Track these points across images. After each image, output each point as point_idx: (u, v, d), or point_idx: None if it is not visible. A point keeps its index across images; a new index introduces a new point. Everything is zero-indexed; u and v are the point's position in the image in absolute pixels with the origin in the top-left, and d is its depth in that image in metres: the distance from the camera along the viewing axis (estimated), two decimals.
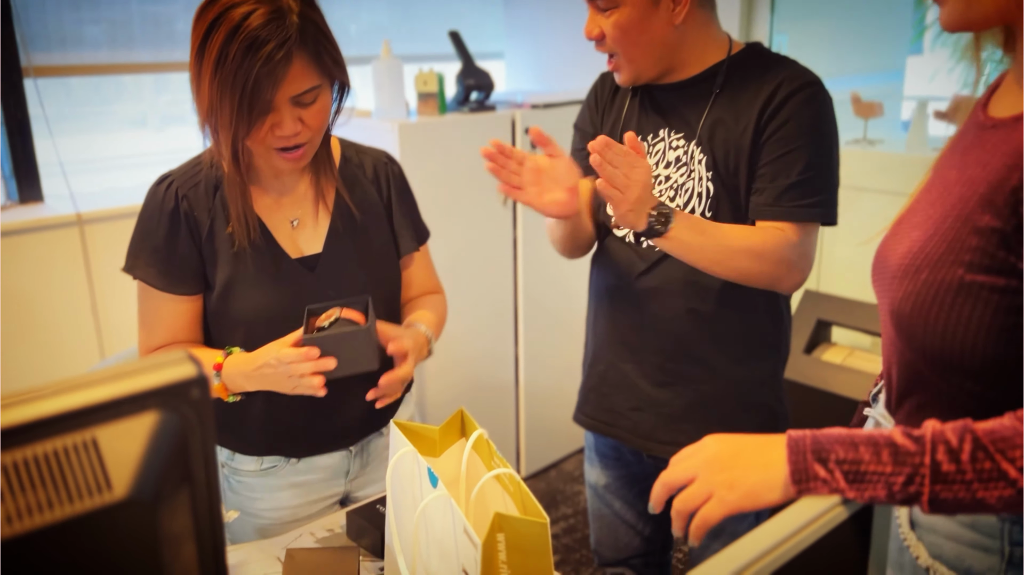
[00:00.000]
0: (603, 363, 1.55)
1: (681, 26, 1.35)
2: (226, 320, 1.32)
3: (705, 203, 1.39)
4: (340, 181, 1.38)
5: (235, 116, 1.16)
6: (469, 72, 2.68)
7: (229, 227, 1.29)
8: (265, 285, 1.30)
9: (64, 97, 2.49)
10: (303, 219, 1.36)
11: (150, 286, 1.29)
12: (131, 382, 0.56)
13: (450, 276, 2.68)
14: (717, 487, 0.83)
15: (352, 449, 1.44)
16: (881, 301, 0.98)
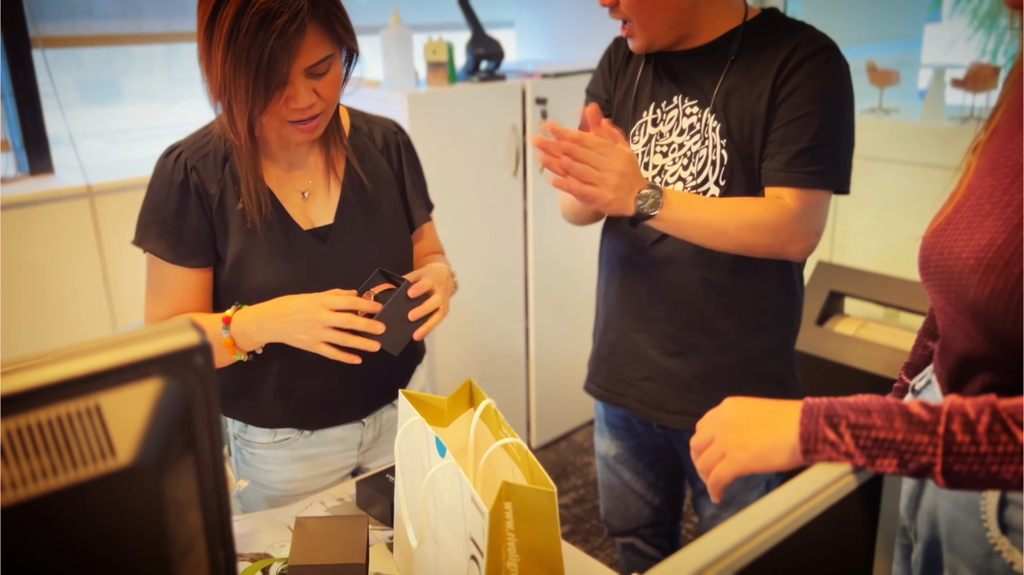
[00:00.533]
0: (614, 332, 1.55)
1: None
2: (237, 293, 1.31)
3: (719, 171, 1.38)
4: (350, 150, 1.37)
5: (250, 92, 1.14)
6: (479, 41, 2.65)
7: (240, 202, 1.28)
8: (277, 258, 1.29)
9: (74, 69, 2.48)
10: (314, 190, 1.35)
11: (160, 259, 1.29)
12: (134, 349, 0.56)
13: (460, 247, 2.68)
14: (729, 447, 0.83)
15: (365, 421, 1.45)
16: (944, 296, 0.93)
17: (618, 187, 1.26)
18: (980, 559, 0.93)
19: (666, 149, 1.43)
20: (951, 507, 0.96)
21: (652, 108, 1.45)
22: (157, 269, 1.31)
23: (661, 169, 1.44)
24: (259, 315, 1.24)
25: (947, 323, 0.97)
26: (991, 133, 0.94)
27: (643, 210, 1.29)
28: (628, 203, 1.28)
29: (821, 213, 1.37)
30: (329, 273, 1.32)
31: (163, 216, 1.28)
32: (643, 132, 1.46)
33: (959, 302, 0.90)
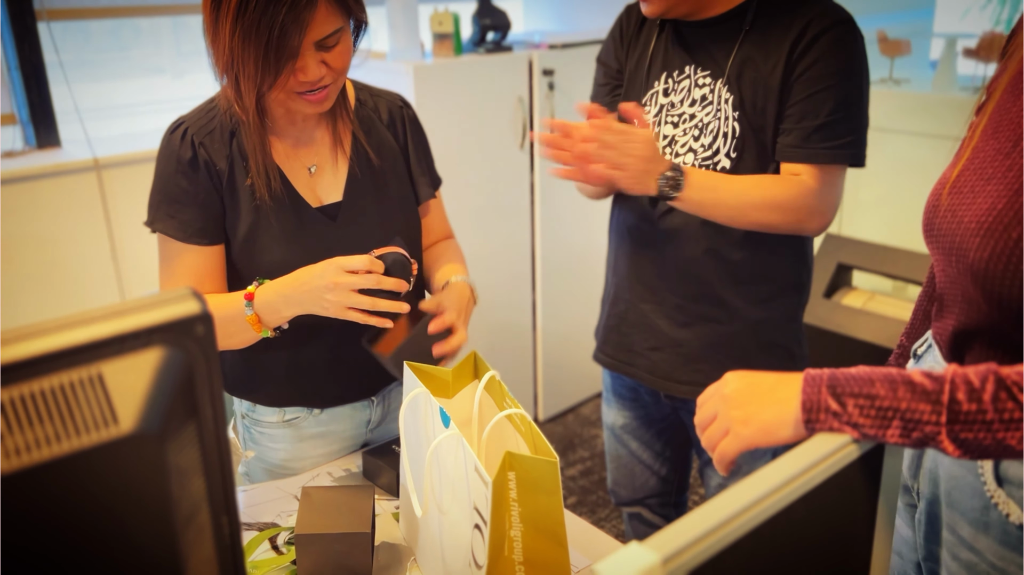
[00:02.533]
0: (623, 303, 1.55)
1: None
2: (247, 272, 1.30)
3: (731, 143, 1.37)
4: (356, 125, 1.36)
5: (260, 66, 1.12)
6: (485, 11, 2.63)
7: (249, 178, 1.26)
8: (287, 237, 1.28)
9: (82, 43, 2.47)
10: (321, 166, 1.33)
11: (172, 238, 1.27)
12: (136, 318, 0.56)
13: (467, 219, 2.67)
14: (733, 423, 0.83)
15: (374, 399, 1.44)
16: (946, 258, 0.94)
17: (642, 171, 1.28)
18: (978, 513, 0.94)
19: (677, 119, 1.42)
20: (950, 463, 0.97)
21: (664, 78, 1.44)
22: (170, 250, 1.28)
23: (671, 140, 1.43)
24: (282, 287, 1.22)
25: (947, 284, 0.98)
26: (993, 96, 0.94)
27: (665, 191, 1.30)
28: (650, 184, 1.30)
29: (838, 188, 1.37)
30: (339, 251, 1.31)
31: (173, 194, 1.26)
32: (654, 102, 1.45)
33: (960, 264, 0.91)
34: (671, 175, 1.30)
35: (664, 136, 1.44)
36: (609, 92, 1.60)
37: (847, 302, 2.39)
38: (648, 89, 1.47)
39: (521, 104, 2.69)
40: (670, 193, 1.31)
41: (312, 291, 1.19)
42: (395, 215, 1.38)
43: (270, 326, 1.25)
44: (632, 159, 1.27)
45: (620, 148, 1.27)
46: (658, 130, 1.44)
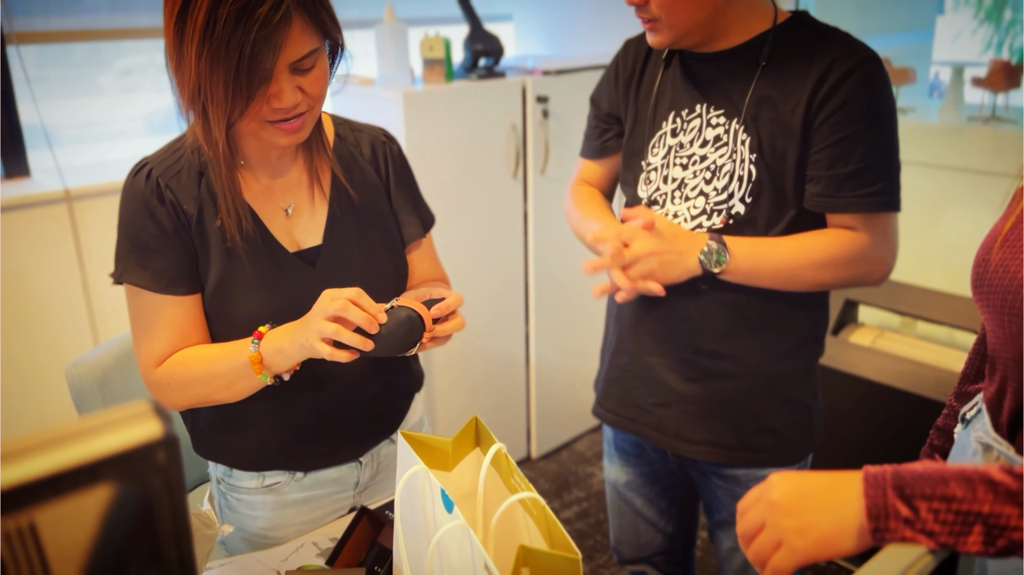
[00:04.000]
0: (626, 355, 1.44)
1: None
2: (221, 323, 1.19)
3: (746, 188, 1.27)
4: (335, 161, 1.25)
5: (230, 91, 1.01)
6: (477, 36, 2.53)
7: (218, 219, 1.15)
8: (262, 284, 1.17)
9: (53, 60, 2.35)
10: (298, 206, 1.22)
11: (145, 290, 1.15)
12: (80, 449, 0.45)
13: (459, 251, 2.57)
14: (787, 534, 0.72)
15: (362, 459, 1.33)
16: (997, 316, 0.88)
17: (674, 263, 1.23)
18: None
19: (686, 161, 1.32)
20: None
21: (672, 117, 1.34)
22: (145, 303, 1.16)
23: (680, 183, 1.33)
24: (293, 326, 1.11)
25: (998, 345, 0.91)
26: None
27: (708, 267, 1.23)
28: (691, 265, 1.24)
29: (892, 233, 1.29)
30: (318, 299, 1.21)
31: (142, 242, 1.14)
32: (663, 144, 1.35)
33: (1013, 323, 0.85)
34: (712, 247, 1.23)
35: (673, 179, 1.34)
36: (599, 135, 1.51)
37: (855, 339, 2.30)
38: (656, 130, 1.37)
39: (514, 131, 2.59)
40: (714, 268, 1.23)
41: (307, 326, 1.08)
42: (380, 258, 1.27)
43: (271, 370, 1.13)
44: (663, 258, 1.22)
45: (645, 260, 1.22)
46: (667, 172, 1.35)
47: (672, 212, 1.33)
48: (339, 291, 1.09)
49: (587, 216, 1.46)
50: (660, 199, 1.35)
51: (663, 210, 1.34)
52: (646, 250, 1.22)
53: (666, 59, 1.37)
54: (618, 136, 1.49)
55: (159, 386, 1.19)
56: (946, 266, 2.53)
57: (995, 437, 0.93)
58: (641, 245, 1.23)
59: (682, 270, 1.24)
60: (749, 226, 1.28)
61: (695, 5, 1.21)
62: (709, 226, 1.29)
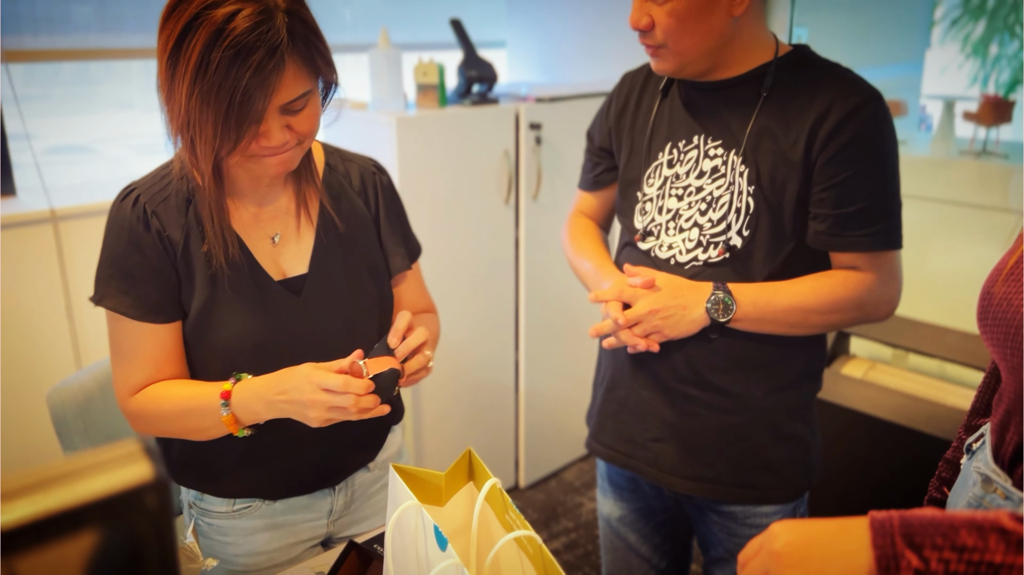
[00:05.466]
0: (622, 388, 1.42)
1: (739, 18, 1.21)
2: (202, 350, 1.17)
3: (743, 220, 1.26)
4: (324, 192, 1.23)
5: (219, 130, 1.00)
6: (471, 63, 2.53)
7: (205, 245, 1.13)
8: (246, 311, 1.16)
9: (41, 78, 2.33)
10: (285, 235, 1.21)
11: (124, 316, 1.14)
12: (64, 493, 0.42)
13: (449, 276, 2.55)
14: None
15: (336, 487, 1.30)
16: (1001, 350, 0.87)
17: (682, 307, 1.25)
18: None
19: (682, 192, 1.32)
20: None
21: (668, 148, 1.34)
22: (123, 329, 1.15)
23: (675, 213, 1.32)
24: (264, 390, 1.09)
25: (1003, 377, 0.91)
26: None
27: (716, 317, 1.24)
28: (698, 317, 1.25)
29: (897, 270, 1.29)
30: (303, 329, 1.19)
31: (125, 268, 1.13)
32: (658, 174, 1.35)
33: (1014, 356, 0.84)
34: (719, 297, 1.23)
35: (668, 210, 1.33)
36: (592, 168, 1.52)
37: (846, 371, 2.29)
38: (651, 161, 1.36)
39: (507, 158, 2.58)
40: (722, 317, 1.23)
41: (293, 403, 1.07)
42: (365, 288, 1.25)
43: (246, 424, 1.12)
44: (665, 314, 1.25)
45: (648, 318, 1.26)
46: (662, 203, 1.34)
47: (667, 243, 1.32)
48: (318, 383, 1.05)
49: (580, 252, 1.47)
50: (655, 230, 1.34)
51: (658, 241, 1.33)
52: (648, 309, 1.24)
53: (663, 89, 1.37)
54: (610, 170, 1.48)
55: (132, 416, 1.18)
56: (937, 298, 2.53)
57: (994, 469, 0.92)
58: (643, 305, 1.24)
59: (689, 323, 1.24)
60: (746, 259, 1.27)
61: (701, 33, 1.20)
62: (705, 259, 1.28)
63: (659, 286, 1.26)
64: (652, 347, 1.26)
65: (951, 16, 4.30)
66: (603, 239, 1.52)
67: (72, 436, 1.45)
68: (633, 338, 1.25)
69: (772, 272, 1.26)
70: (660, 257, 1.33)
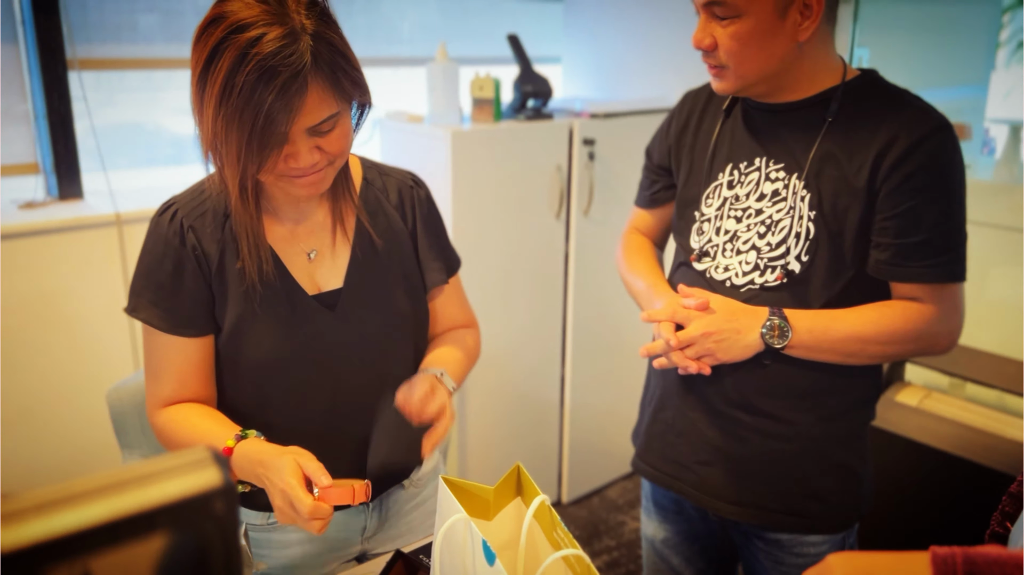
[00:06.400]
0: (670, 409, 1.41)
1: (803, 42, 1.20)
2: (236, 365, 1.19)
3: (803, 246, 1.24)
4: (361, 207, 1.24)
5: (243, 153, 1.01)
6: (527, 78, 2.55)
7: (240, 261, 1.15)
8: (278, 327, 1.17)
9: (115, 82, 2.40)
10: (321, 250, 1.21)
11: (155, 328, 1.16)
12: (137, 495, 0.44)
13: (498, 289, 2.56)
14: None
15: (369, 504, 1.30)
16: None
17: (736, 331, 1.24)
18: None
19: (741, 214, 1.30)
20: None
21: (729, 169, 1.33)
22: (153, 341, 1.18)
23: (733, 235, 1.31)
24: (256, 457, 1.09)
25: None
26: None
27: (771, 343, 1.23)
28: (753, 341, 1.24)
29: (960, 303, 1.26)
30: (336, 343, 1.19)
31: (157, 280, 1.15)
32: (717, 195, 1.34)
33: None
34: (774, 323, 1.21)
35: (725, 231, 1.32)
36: (649, 186, 1.51)
37: (901, 399, 2.24)
38: (711, 181, 1.35)
39: (559, 173, 2.59)
40: (777, 343, 1.22)
41: (266, 488, 1.07)
42: (399, 303, 1.25)
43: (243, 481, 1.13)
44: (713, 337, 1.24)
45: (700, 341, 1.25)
46: (719, 224, 1.33)
47: (723, 265, 1.31)
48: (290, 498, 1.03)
49: (633, 270, 1.46)
50: (711, 251, 1.33)
51: (715, 262, 1.32)
52: (701, 331, 1.23)
53: (726, 109, 1.36)
54: (667, 188, 1.48)
55: (156, 430, 1.21)
56: (997, 327, 2.47)
57: None
58: (697, 327, 1.23)
59: (742, 348, 1.23)
60: (804, 285, 1.25)
61: (764, 56, 1.19)
62: (762, 283, 1.27)
63: (713, 308, 1.25)
64: (703, 370, 1.24)
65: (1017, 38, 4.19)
66: (658, 257, 1.52)
67: (129, 434, 1.49)
68: (684, 360, 1.24)
69: (829, 299, 1.24)
70: (715, 278, 1.32)
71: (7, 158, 2.20)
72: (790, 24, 1.17)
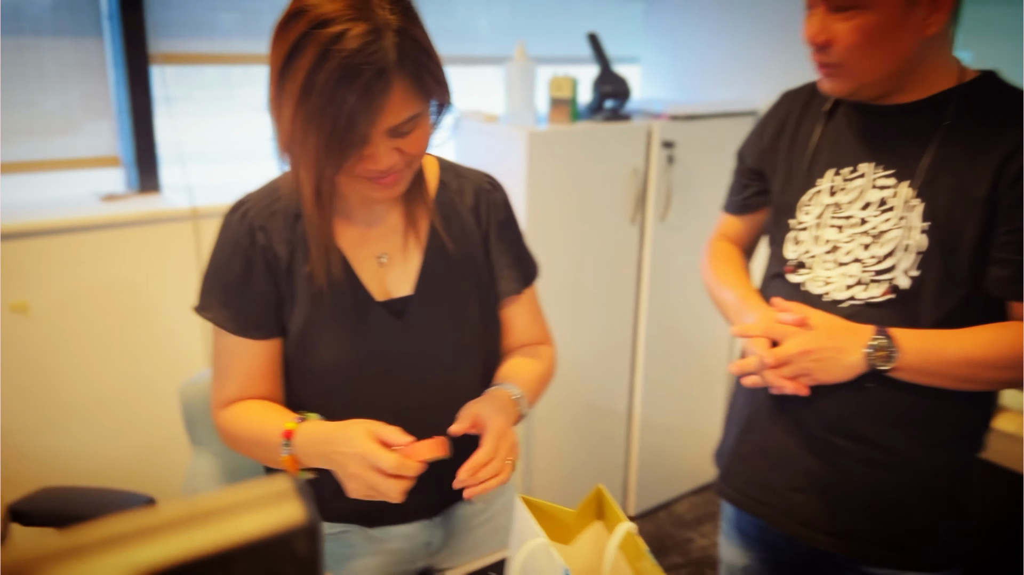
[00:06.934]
0: (760, 431, 1.32)
1: (929, 39, 1.11)
2: (302, 370, 1.15)
3: (914, 259, 1.15)
4: (435, 211, 1.19)
5: (322, 154, 0.97)
6: (606, 78, 2.48)
7: (308, 265, 1.11)
8: (345, 333, 1.12)
9: (187, 80, 2.42)
10: (392, 255, 1.17)
11: (223, 329, 1.13)
12: (212, 531, 0.39)
13: (568, 293, 2.50)
14: None
15: (435, 518, 1.25)
16: None
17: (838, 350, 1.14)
18: None
19: (843, 223, 1.21)
20: None
21: (831, 175, 1.24)
22: (222, 342, 1.15)
23: (834, 246, 1.22)
24: (319, 437, 1.05)
25: None
26: None
27: (876, 365, 1.13)
28: (854, 362, 1.14)
29: None
30: (403, 352, 1.14)
31: (226, 281, 1.12)
32: (817, 202, 1.25)
33: None
34: (880, 343, 1.12)
35: (826, 241, 1.23)
36: (740, 191, 1.42)
37: (999, 426, 2.09)
38: (809, 187, 1.26)
39: (636, 176, 2.52)
40: (882, 365, 1.12)
41: (339, 467, 1.02)
42: (470, 314, 1.20)
43: (306, 466, 1.08)
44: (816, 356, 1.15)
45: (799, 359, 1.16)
46: (818, 233, 1.24)
47: (822, 278, 1.23)
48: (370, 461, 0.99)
49: (722, 280, 1.38)
50: (809, 262, 1.25)
51: (812, 274, 1.24)
52: (799, 349, 1.14)
53: (829, 111, 1.27)
54: (759, 193, 1.39)
55: (219, 430, 1.18)
56: None
57: None
58: (794, 344, 1.15)
59: (844, 368, 1.14)
60: (913, 302, 1.16)
61: (886, 54, 1.10)
62: (866, 298, 1.18)
63: (813, 324, 1.16)
64: (800, 391, 1.16)
65: None
66: (747, 267, 1.43)
67: (200, 431, 1.47)
68: (780, 379, 1.16)
69: (940, 318, 1.15)
70: (813, 292, 1.23)
71: (90, 151, 2.24)
72: (917, 17, 1.07)
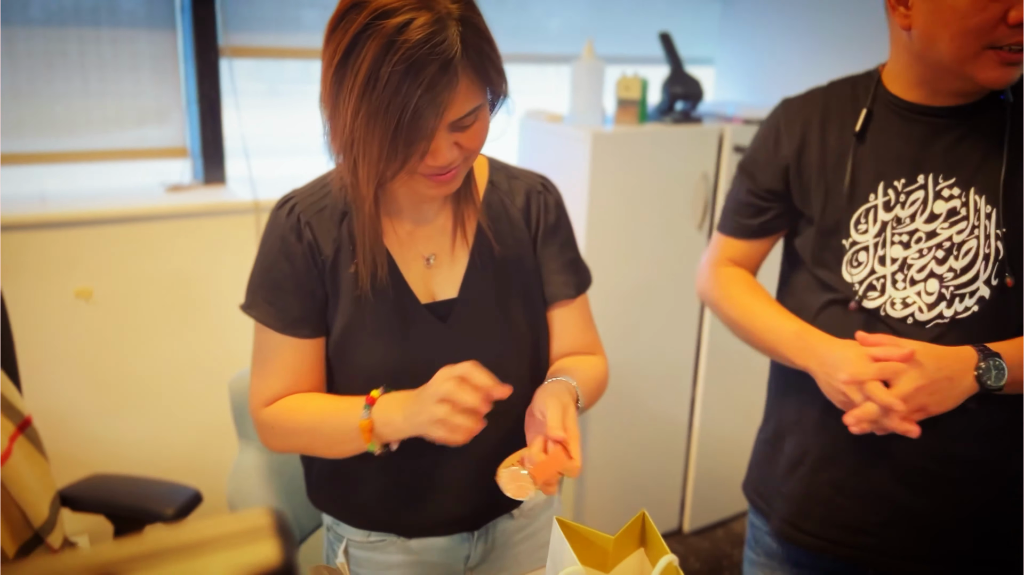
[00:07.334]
0: (837, 469, 1.23)
1: None
2: (345, 370, 1.13)
3: (992, 268, 1.09)
4: (483, 211, 1.15)
5: (386, 151, 0.93)
6: (677, 79, 2.40)
7: (353, 266, 1.08)
8: (388, 335, 1.09)
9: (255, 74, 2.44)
10: (439, 256, 1.13)
11: (267, 327, 1.11)
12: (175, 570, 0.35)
13: (630, 300, 2.43)
14: None
15: (475, 532, 1.21)
16: None
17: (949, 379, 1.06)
18: None
19: (908, 239, 1.14)
20: None
21: (882, 189, 1.16)
22: (265, 339, 1.13)
23: (903, 263, 1.14)
24: (404, 398, 1.03)
25: None
26: None
27: (989, 386, 1.06)
28: (966, 388, 1.07)
29: None
30: (447, 357, 1.09)
31: (274, 278, 1.10)
32: (872, 219, 1.16)
33: None
34: (991, 364, 1.05)
35: (892, 259, 1.15)
36: (756, 213, 1.30)
37: None
38: (860, 203, 1.18)
39: (705, 181, 2.43)
40: (996, 383, 1.05)
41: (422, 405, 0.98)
42: (516, 318, 1.15)
43: (381, 439, 1.04)
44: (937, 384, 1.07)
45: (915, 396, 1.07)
46: (882, 252, 1.15)
47: (899, 299, 1.14)
48: (452, 369, 0.97)
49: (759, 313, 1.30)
50: (878, 284, 1.16)
51: (884, 296, 1.15)
52: (915, 386, 1.05)
53: (866, 119, 1.18)
54: (781, 215, 1.29)
55: (263, 426, 1.14)
56: None
57: None
58: (909, 382, 1.05)
59: (956, 397, 1.07)
60: (998, 311, 1.10)
61: None
62: (952, 314, 1.10)
63: (918, 357, 1.06)
64: (912, 432, 1.06)
65: None
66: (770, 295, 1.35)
67: (247, 425, 1.47)
68: (905, 423, 1.06)
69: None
70: (893, 315, 1.15)
71: (159, 141, 2.27)
72: None
